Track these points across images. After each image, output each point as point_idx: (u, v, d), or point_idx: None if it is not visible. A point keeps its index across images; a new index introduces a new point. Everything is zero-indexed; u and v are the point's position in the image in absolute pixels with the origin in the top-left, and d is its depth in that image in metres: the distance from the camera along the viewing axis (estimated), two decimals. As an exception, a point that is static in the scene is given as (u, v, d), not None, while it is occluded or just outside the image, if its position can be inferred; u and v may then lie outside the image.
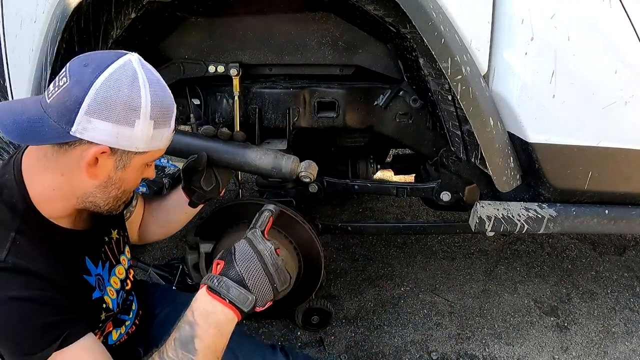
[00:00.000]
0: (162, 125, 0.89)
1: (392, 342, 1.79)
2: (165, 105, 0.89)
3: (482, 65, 1.13)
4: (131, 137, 0.85)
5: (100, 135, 0.83)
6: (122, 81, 0.84)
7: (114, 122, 0.83)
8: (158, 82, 0.90)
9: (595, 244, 2.43)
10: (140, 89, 0.85)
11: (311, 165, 1.15)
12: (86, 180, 0.87)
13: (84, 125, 0.82)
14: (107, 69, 0.84)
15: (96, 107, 0.81)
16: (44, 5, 1.22)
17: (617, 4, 1.05)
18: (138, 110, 0.84)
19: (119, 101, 0.82)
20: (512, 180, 1.24)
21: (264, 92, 1.54)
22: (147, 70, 0.88)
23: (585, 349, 1.77)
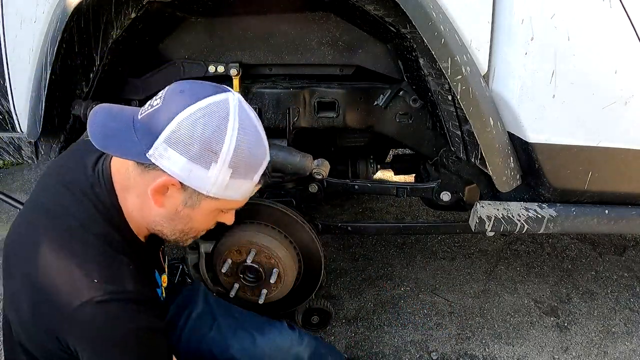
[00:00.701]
0: (241, 176, 0.84)
1: (392, 342, 1.79)
2: (251, 157, 0.84)
3: (482, 65, 1.12)
4: (204, 178, 0.82)
5: (173, 167, 0.80)
6: (209, 119, 0.79)
7: (189, 159, 0.80)
8: (253, 130, 0.84)
9: (595, 244, 2.43)
10: (226, 132, 0.80)
11: (324, 163, 1.17)
12: (154, 207, 0.87)
13: (161, 152, 0.80)
14: (199, 101, 0.80)
15: (175, 138, 0.79)
16: (44, 6, 1.22)
17: (617, 4, 1.05)
18: (217, 154, 0.80)
19: (199, 139, 0.79)
20: (512, 180, 1.24)
21: (264, 92, 1.54)
22: (244, 115, 0.83)
23: (585, 349, 1.77)
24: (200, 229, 0.96)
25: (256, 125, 0.86)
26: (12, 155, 1.55)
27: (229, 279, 1.50)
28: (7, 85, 1.39)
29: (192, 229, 0.94)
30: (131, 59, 1.49)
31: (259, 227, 1.48)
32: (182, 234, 0.94)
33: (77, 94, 1.43)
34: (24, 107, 1.39)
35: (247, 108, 0.85)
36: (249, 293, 1.51)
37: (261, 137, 0.87)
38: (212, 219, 0.95)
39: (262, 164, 0.87)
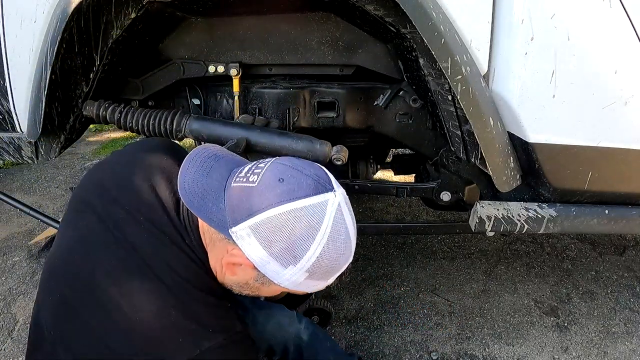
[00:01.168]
0: (317, 278, 0.82)
1: (392, 342, 1.79)
2: (332, 266, 0.81)
3: (482, 65, 1.12)
4: (278, 273, 0.80)
5: (252, 253, 0.79)
6: (300, 223, 0.75)
7: (269, 254, 0.77)
8: (343, 239, 0.80)
9: (595, 244, 2.43)
10: (313, 241, 0.76)
11: (343, 149, 1.19)
12: (226, 276, 0.87)
13: (243, 235, 0.78)
14: (297, 200, 0.76)
15: (261, 230, 0.76)
16: (44, 5, 1.22)
17: (617, 4, 1.05)
18: (297, 259, 0.77)
19: (284, 240, 0.76)
20: (512, 180, 1.24)
21: (264, 92, 1.54)
22: (339, 222, 0.79)
23: (585, 349, 1.77)
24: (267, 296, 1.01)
25: (349, 231, 0.82)
26: (12, 155, 1.55)
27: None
28: (7, 85, 1.39)
29: (260, 296, 0.97)
30: (131, 59, 1.49)
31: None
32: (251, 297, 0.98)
33: (77, 94, 1.43)
34: (24, 107, 1.39)
35: (345, 212, 0.81)
36: (249, 293, 1.51)
37: (350, 245, 0.83)
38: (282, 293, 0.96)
39: (342, 269, 0.84)
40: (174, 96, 1.67)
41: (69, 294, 0.82)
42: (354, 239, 0.83)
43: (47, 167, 3.77)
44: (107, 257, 0.83)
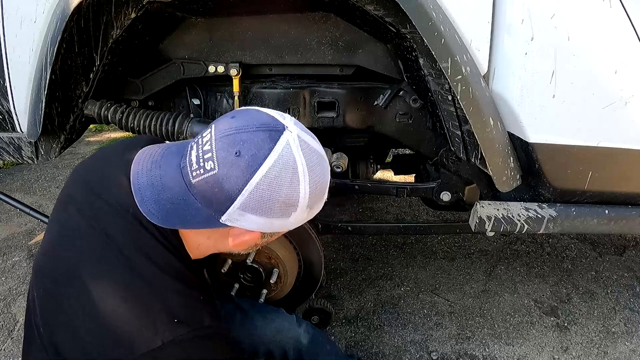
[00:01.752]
0: (316, 205, 0.84)
1: (392, 342, 1.79)
2: (323, 187, 0.84)
3: (482, 65, 1.12)
4: (285, 224, 0.82)
5: (253, 225, 0.80)
6: (281, 179, 0.76)
7: (269, 217, 0.79)
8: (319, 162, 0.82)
9: (595, 244, 2.43)
10: (299, 182, 0.78)
11: (342, 156, 1.17)
12: (229, 246, 0.88)
13: (236, 217, 0.78)
14: (264, 163, 0.75)
15: (252, 205, 0.77)
16: (44, 5, 1.22)
17: (617, 4, 1.05)
18: (296, 205, 0.79)
19: (276, 199, 0.77)
20: (512, 181, 1.24)
21: (264, 92, 1.54)
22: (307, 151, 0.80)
23: (585, 349, 1.77)
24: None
25: (320, 153, 0.84)
26: (12, 155, 1.55)
27: (229, 279, 1.50)
28: (7, 85, 1.39)
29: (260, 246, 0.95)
30: (131, 59, 1.49)
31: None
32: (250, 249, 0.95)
33: (77, 94, 1.43)
34: (24, 107, 1.39)
35: (305, 138, 0.81)
36: (249, 293, 1.51)
37: (325, 162, 0.85)
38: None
39: (329, 180, 0.87)
40: (174, 96, 1.67)
41: (52, 289, 0.82)
42: (322, 151, 0.85)
43: (47, 167, 3.77)
44: (85, 248, 0.83)
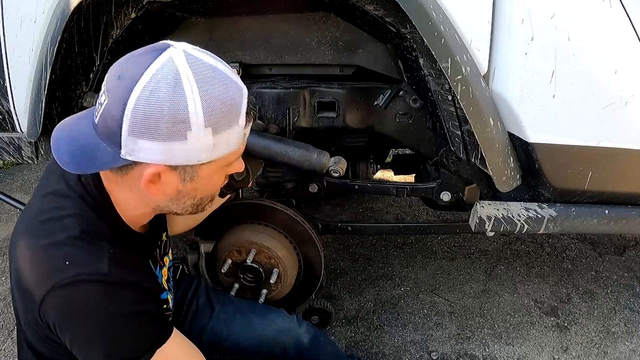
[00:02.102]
0: (225, 128, 0.75)
1: (392, 342, 1.79)
2: (225, 104, 0.74)
3: (482, 65, 1.12)
4: (187, 151, 0.74)
5: (151, 155, 0.74)
6: (160, 91, 0.70)
7: (163, 140, 0.72)
8: (212, 75, 0.75)
9: (595, 244, 2.43)
10: (185, 94, 0.71)
11: (341, 161, 1.16)
12: (155, 196, 0.82)
13: (131, 147, 0.73)
14: (141, 78, 0.71)
15: (137, 127, 0.71)
16: (44, 5, 1.22)
17: (617, 4, 1.05)
18: (187, 122, 0.71)
19: (160, 116, 0.70)
20: (512, 180, 1.24)
21: (264, 92, 1.54)
22: (195, 63, 0.74)
23: (585, 349, 1.77)
24: (212, 193, 0.90)
25: (216, 67, 0.76)
26: (12, 155, 1.55)
27: (229, 279, 1.50)
28: (7, 85, 1.39)
29: (204, 197, 0.88)
30: (131, 59, 1.49)
31: (259, 227, 1.48)
32: (195, 206, 0.89)
33: (77, 94, 1.43)
34: (24, 107, 1.39)
35: (197, 54, 0.76)
36: (249, 293, 1.51)
37: (227, 77, 0.77)
38: (219, 179, 0.87)
39: (242, 104, 0.78)
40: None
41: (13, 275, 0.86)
42: (227, 70, 0.78)
43: (47, 167, 3.77)
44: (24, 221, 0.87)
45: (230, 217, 1.50)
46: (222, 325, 1.21)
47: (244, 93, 0.79)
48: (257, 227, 1.48)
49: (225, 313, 1.25)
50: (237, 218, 1.50)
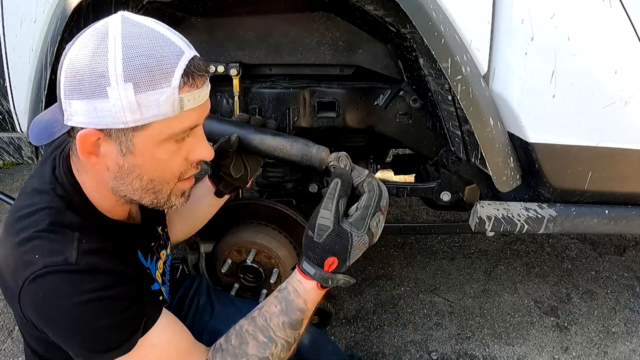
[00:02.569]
0: (150, 87, 0.70)
1: (392, 342, 1.79)
2: (150, 59, 0.70)
3: (482, 65, 1.12)
4: (110, 109, 0.70)
5: (81, 118, 0.72)
6: (87, 49, 0.70)
7: (86, 97, 0.70)
8: (144, 34, 0.71)
9: (595, 244, 2.43)
10: (107, 49, 0.69)
11: (341, 157, 1.12)
12: (101, 173, 0.80)
13: (69, 110, 0.73)
14: (77, 40, 0.72)
15: (68, 87, 0.71)
16: (44, 5, 1.22)
17: (617, 4, 1.05)
18: (105, 75, 0.68)
19: (83, 72, 0.69)
20: (512, 180, 1.24)
21: (264, 92, 1.54)
22: (129, 24, 0.72)
23: (585, 349, 1.77)
24: (167, 177, 0.82)
25: (151, 27, 0.73)
26: (12, 155, 1.55)
27: (229, 279, 1.50)
28: (7, 85, 1.39)
29: (155, 181, 0.81)
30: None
31: (259, 227, 1.48)
32: (151, 193, 0.83)
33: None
34: (24, 107, 1.39)
35: (137, 19, 0.74)
36: (249, 293, 1.51)
37: (162, 36, 0.73)
38: (171, 158, 0.80)
39: (177, 63, 0.72)
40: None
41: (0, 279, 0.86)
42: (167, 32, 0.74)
43: (47, 167, 3.77)
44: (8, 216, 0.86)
45: (230, 217, 1.50)
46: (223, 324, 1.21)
47: (185, 54, 0.74)
48: (257, 227, 1.48)
49: (225, 312, 1.25)
50: (237, 218, 1.50)
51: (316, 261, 0.87)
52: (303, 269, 0.89)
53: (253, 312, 0.92)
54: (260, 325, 0.89)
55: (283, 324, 0.89)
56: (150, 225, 1.04)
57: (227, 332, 0.92)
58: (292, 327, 0.89)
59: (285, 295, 0.90)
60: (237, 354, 0.88)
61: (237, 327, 0.91)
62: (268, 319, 0.89)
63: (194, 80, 0.75)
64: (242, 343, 0.88)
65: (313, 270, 0.87)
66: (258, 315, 0.91)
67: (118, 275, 0.81)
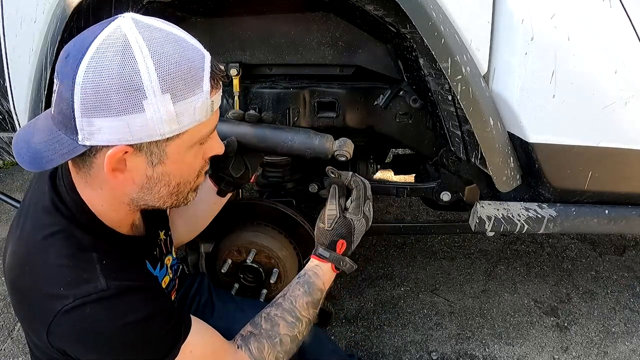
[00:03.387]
0: (186, 95, 0.68)
1: (392, 342, 1.79)
2: (183, 67, 0.68)
3: (482, 65, 1.12)
4: (147, 124, 0.67)
5: (109, 136, 0.67)
6: (108, 59, 0.64)
7: (117, 115, 0.65)
8: (166, 38, 0.68)
9: (595, 244, 2.43)
10: (135, 59, 0.65)
11: (346, 143, 1.06)
12: (125, 187, 0.76)
13: (88, 129, 0.67)
14: (87, 51, 0.65)
15: (89, 105, 0.65)
16: (44, 5, 1.22)
17: (617, 4, 1.05)
18: (140, 89, 0.65)
19: (111, 87, 0.64)
20: (512, 180, 1.24)
21: (264, 92, 1.54)
22: (145, 28, 0.68)
23: (585, 349, 1.77)
24: (191, 178, 0.82)
25: (169, 30, 0.70)
26: (12, 155, 1.55)
27: (229, 279, 1.50)
28: (7, 85, 1.39)
29: (181, 184, 0.80)
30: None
31: (259, 227, 1.48)
32: (175, 196, 0.81)
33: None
34: (24, 107, 1.39)
35: (148, 21, 0.70)
36: (249, 293, 1.51)
37: (182, 39, 0.71)
38: (195, 160, 0.80)
39: (203, 67, 0.71)
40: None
41: (12, 296, 0.84)
42: (182, 33, 0.72)
43: (47, 167, 3.76)
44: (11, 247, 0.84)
45: (230, 217, 1.50)
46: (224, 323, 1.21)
47: (206, 57, 0.73)
48: (257, 227, 1.48)
49: (226, 311, 1.25)
50: (237, 218, 1.50)
51: (330, 245, 1.03)
52: (320, 254, 1.03)
53: (277, 299, 1.01)
54: (287, 308, 0.98)
55: (307, 303, 1.00)
56: (154, 233, 1.03)
57: (251, 321, 0.98)
58: (314, 306, 1.01)
59: (306, 279, 1.02)
60: (271, 335, 0.95)
61: (264, 314, 0.98)
62: (294, 301, 0.99)
63: (217, 82, 0.75)
64: (273, 325, 0.96)
65: (328, 253, 1.03)
66: (283, 300, 1.00)
67: (150, 290, 0.81)
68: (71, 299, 0.72)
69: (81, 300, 0.73)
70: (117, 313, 0.75)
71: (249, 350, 0.92)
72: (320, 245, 1.04)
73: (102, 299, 0.74)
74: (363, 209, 1.04)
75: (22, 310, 0.81)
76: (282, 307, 0.99)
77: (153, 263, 0.99)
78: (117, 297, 0.75)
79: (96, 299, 0.73)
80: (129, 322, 0.75)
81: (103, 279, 0.74)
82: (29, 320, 0.81)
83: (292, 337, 0.97)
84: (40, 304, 0.75)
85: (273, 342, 0.94)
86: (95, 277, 0.74)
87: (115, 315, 0.75)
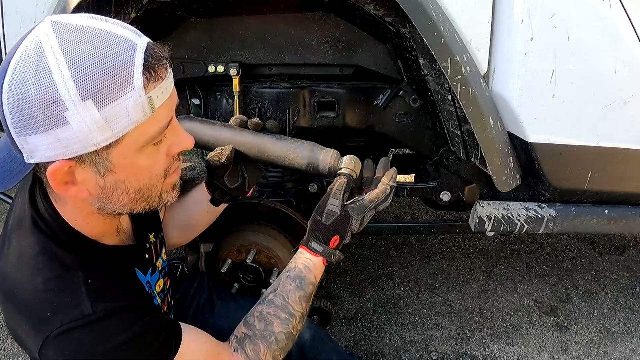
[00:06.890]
0: (113, 97, 0.61)
1: (392, 342, 1.79)
2: (104, 67, 0.61)
3: (482, 65, 1.13)
4: (75, 136, 0.62)
5: (46, 153, 0.64)
6: (25, 73, 0.60)
7: (45, 131, 0.61)
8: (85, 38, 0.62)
9: (595, 244, 2.43)
10: (50, 69, 0.59)
11: (352, 161, 0.99)
12: (84, 200, 0.73)
13: (27, 147, 0.64)
14: (8, 68, 0.61)
15: (19, 125, 0.62)
16: (44, 5, 1.22)
17: (617, 4, 1.05)
18: (58, 101, 0.59)
19: (31, 103, 0.60)
20: (512, 180, 1.24)
21: (264, 92, 1.54)
22: (63, 30, 0.62)
23: (585, 349, 1.77)
24: (155, 181, 0.77)
25: (90, 25, 0.63)
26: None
27: (229, 279, 1.50)
28: (7, 85, 1.38)
29: (143, 189, 0.76)
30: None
31: (259, 227, 1.48)
32: (142, 202, 0.78)
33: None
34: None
35: (71, 20, 0.64)
36: (249, 293, 1.51)
37: (106, 33, 0.63)
38: (154, 162, 0.74)
39: (133, 60, 0.63)
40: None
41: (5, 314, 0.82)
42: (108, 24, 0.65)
43: (47, 167, 3.77)
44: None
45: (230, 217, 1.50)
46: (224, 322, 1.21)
47: (138, 47, 0.65)
48: (257, 227, 1.48)
49: (227, 310, 1.25)
50: (237, 218, 1.50)
51: (324, 240, 0.98)
52: (312, 247, 0.99)
53: (267, 296, 0.97)
54: (280, 305, 0.95)
55: (300, 298, 0.96)
56: (143, 236, 0.99)
57: (245, 322, 0.96)
58: (307, 300, 0.98)
59: (297, 273, 0.98)
60: (266, 335, 0.93)
61: (257, 314, 0.95)
62: (286, 297, 0.96)
63: (156, 74, 0.66)
64: (267, 325, 0.94)
65: (321, 248, 0.98)
66: (275, 297, 0.96)
67: (138, 308, 0.80)
68: (58, 324, 0.72)
69: (67, 326, 0.72)
70: (105, 336, 0.74)
71: (245, 354, 0.91)
72: (314, 238, 0.98)
73: (89, 324, 0.73)
74: (366, 213, 1.01)
75: (14, 329, 0.80)
76: (275, 305, 0.95)
77: (144, 269, 0.96)
78: (104, 321, 0.74)
79: (83, 324, 0.72)
80: (118, 344, 0.75)
81: (88, 302, 0.73)
82: (21, 341, 0.79)
83: (287, 334, 0.95)
84: (30, 327, 0.75)
85: (269, 342, 0.93)
86: (81, 301, 0.73)
87: (103, 339, 0.74)
